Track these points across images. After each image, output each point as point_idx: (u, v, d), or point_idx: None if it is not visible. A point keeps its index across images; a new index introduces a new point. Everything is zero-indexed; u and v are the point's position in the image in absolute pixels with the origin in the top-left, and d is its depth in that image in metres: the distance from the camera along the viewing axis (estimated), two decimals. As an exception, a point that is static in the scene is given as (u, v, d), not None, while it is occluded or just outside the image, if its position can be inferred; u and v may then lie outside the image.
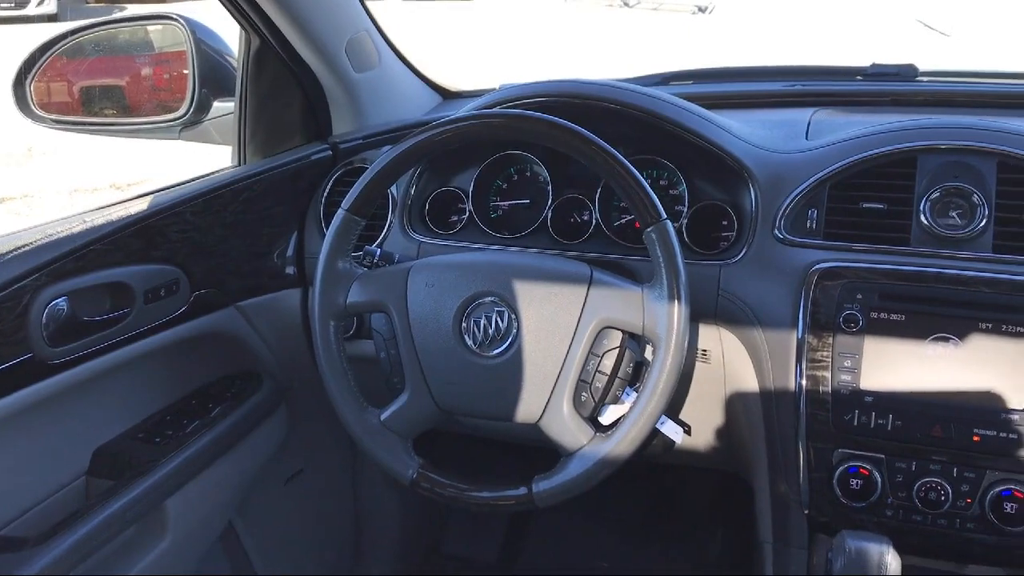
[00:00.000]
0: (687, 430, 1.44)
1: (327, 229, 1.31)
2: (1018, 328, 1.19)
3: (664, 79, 1.91)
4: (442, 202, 1.60)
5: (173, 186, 1.47)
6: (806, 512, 1.32)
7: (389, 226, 1.56)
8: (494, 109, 1.48)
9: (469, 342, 1.26)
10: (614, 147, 1.22)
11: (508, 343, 1.25)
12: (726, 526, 2.12)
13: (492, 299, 1.26)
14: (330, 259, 1.29)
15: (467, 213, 1.57)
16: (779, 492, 1.36)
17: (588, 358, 1.23)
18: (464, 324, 1.26)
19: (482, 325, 1.25)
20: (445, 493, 1.27)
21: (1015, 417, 1.18)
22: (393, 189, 1.56)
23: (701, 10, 15.24)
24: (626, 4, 16.83)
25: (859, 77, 1.81)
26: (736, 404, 1.43)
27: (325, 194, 1.64)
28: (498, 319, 1.25)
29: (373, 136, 1.69)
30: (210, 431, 1.48)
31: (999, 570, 1.32)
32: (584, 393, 1.24)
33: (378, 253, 1.39)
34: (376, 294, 1.30)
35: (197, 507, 1.47)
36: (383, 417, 1.29)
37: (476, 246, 1.51)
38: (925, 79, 1.76)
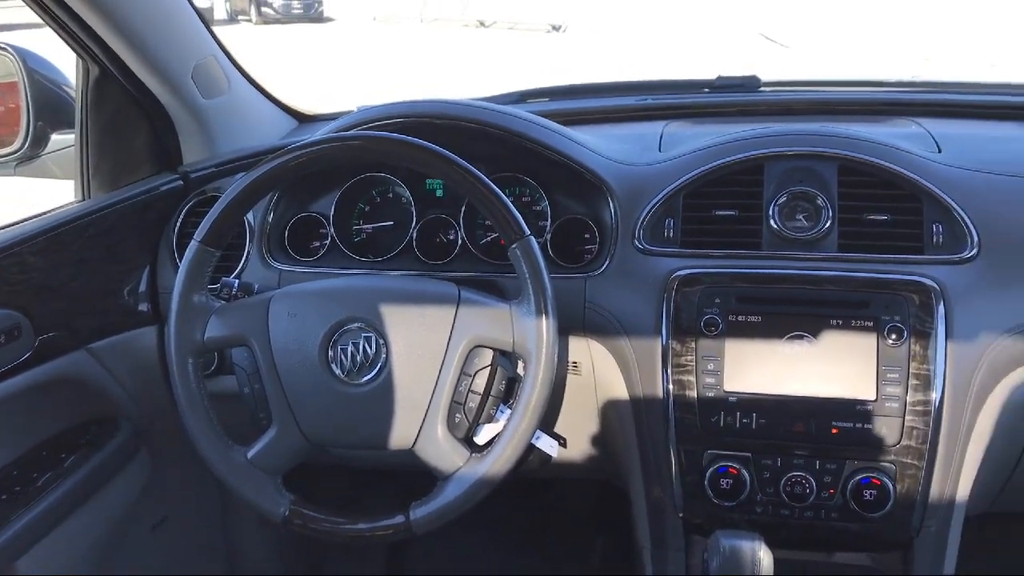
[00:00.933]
0: (562, 443, 1.45)
1: (181, 262, 1.25)
2: (865, 323, 1.25)
3: (521, 97, 1.93)
4: (302, 228, 1.56)
5: (8, 226, 1.38)
6: (680, 515, 1.35)
7: (247, 256, 1.51)
8: (351, 131, 1.45)
9: (337, 371, 1.23)
10: (475, 166, 1.22)
11: (377, 369, 1.22)
12: (607, 534, 2.14)
13: (359, 325, 1.23)
14: (185, 293, 1.23)
15: (329, 238, 1.54)
16: (654, 497, 1.39)
17: (460, 378, 1.22)
18: (330, 353, 1.23)
19: (349, 352, 1.22)
20: (320, 528, 1.23)
21: (867, 408, 1.24)
22: (250, 217, 1.51)
23: (555, 28, 15.59)
24: (482, 24, 17.04)
25: (706, 90, 1.87)
26: (608, 413, 1.44)
27: (177, 226, 1.57)
28: (366, 345, 1.22)
29: (226, 163, 1.64)
30: (63, 483, 1.38)
31: (865, 556, 1.38)
32: (458, 414, 1.22)
33: (236, 284, 1.34)
34: (235, 327, 1.25)
35: (53, 566, 1.37)
36: (250, 455, 1.24)
37: (340, 271, 1.47)
38: (768, 89, 1.84)
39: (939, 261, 1.29)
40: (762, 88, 1.84)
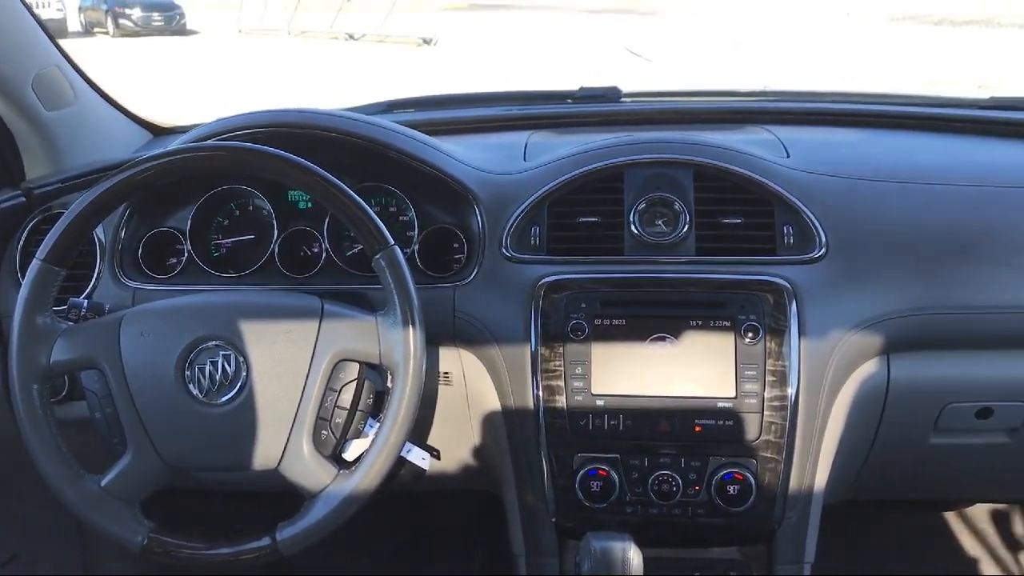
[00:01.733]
0: (436, 455, 1.43)
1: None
2: (723, 323, 1.29)
3: (387, 107, 1.91)
4: (158, 244, 1.49)
5: None
6: (553, 520, 1.35)
7: (98, 274, 1.43)
8: (206, 142, 1.40)
9: (195, 391, 1.18)
10: (338, 176, 1.19)
11: (238, 388, 1.18)
12: (486, 544, 2.14)
13: (216, 343, 1.19)
14: (27, 315, 1.16)
15: (186, 254, 1.48)
16: (527, 503, 1.39)
17: (325, 394, 1.19)
18: (187, 372, 1.18)
19: (207, 371, 1.18)
20: (181, 555, 1.18)
21: (728, 405, 1.28)
22: (100, 233, 1.44)
23: (426, 42, 15.60)
24: (351, 37, 16.88)
25: (569, 100, 1.90)
26: (481, 422, 1.44)
27: (20, 244, 1.48)
28: (225, 363, 1.18)
29: (73, 179, 1.55)
30: None
31: (733, 550, 1.42)
32: (324, 431, 1.20)
33: (85, 305, 1.27)
34: (84, 349, 1.18)
35: None
36: (104, 483, 1.17)
37: (198, 288, 1.42)
38: (629, 100, 1.89)
39: (790, 261, 1.34)
40: (623, 99, 1.88)
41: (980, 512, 2.14)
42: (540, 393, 1.31)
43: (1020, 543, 2.08)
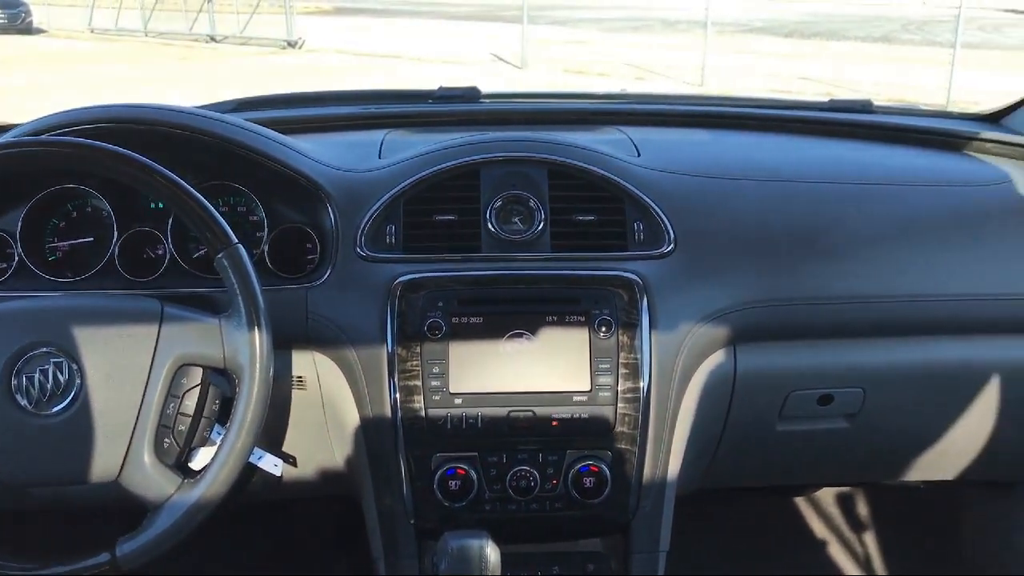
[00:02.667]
0: (292, 461, 1.39)
1: None
2: (578, 317, 1.31)
3: (238, 105, 1.86)
4: None
5: None
6: (412, 521, 1.34)
7: None
8: (35, 137, 1.32)
9: (23, 402, 1.11)
10: (181, 174, 1.14)
11: (71, 397, 1.11)
12: (351, 551, 2.10)
13: (46, 350, 1.12)
14: None
15: (16, 258, 1.39)
16: (385, 506, 1.37)
17: (167, 400, 1.14)
18: (14, 382, 1.11)
19: (36, 381, 1.11)
20: None
21: (583, 399, 1.30)
22: None
23: (291, 44, 15.29)
24: (213, 39, 16.37)
25: (429, 100, 1.89)
26: (337, 426, 1.41)
27: None
28: (56, 372, 1.11)
29: None
30: None
31: (593, 542, 1.44)
32: (167, 439, 1.14)
33: None
34: None
35: None
36: None
37: (30, 294, 1.33)
38: (488, 100, 1.90)
39: (641, 256, 1.37)
40: (482, 99, 1.89)
41: (827, 495, 2.25)
42: (397, 394, 1.29)
43: (865, 524, 2.19)
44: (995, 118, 1.85)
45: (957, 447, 1.55)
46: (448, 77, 2.01)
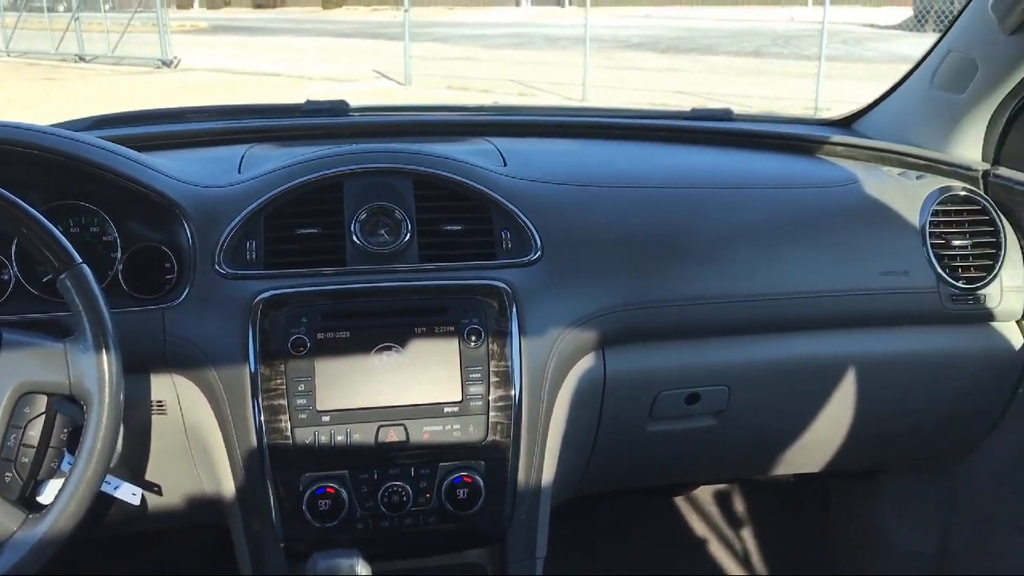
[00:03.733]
0: (156, 490, 1.34)
1: None
2: (447, 328, 1.30)
3: (95, 123, 1.78)
4: None
5: None
6: (282, 544, 1.30)
7: None
8: None
9: None
10: (25, 195, 1.09)
11: None
12: None
13: None
14: None
15: None
16: (254, 531, 1.33)
17: (7, 432, 1.07)
18: None
19: None
20: None
21: (455, 409, 1.29)
22: None
23: (166, 64, 14.84)
24: (81, 59, 15.75)
25: (297, 114, 1.86)
26: (201, 452, 1.36)
27: None
28: None
29: None
30: None
31: (471, 555, 1.43)
32: (8, 473, 1.08)
33: None
34: None
35: None
36: None
37: None
38: (356, 114, 1.88)
39: (509, 265, 1.37)
40: (350, 113, 1.87)
41: (704, 494, 2.30)
42: (261, 415, 1.25)
43: (740, 520, 2.25)
44: (846, 123, 1.95)
45: (820, 440, 1.61)
46: (329, 95, 1.97)
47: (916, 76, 1.75)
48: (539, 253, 1.39)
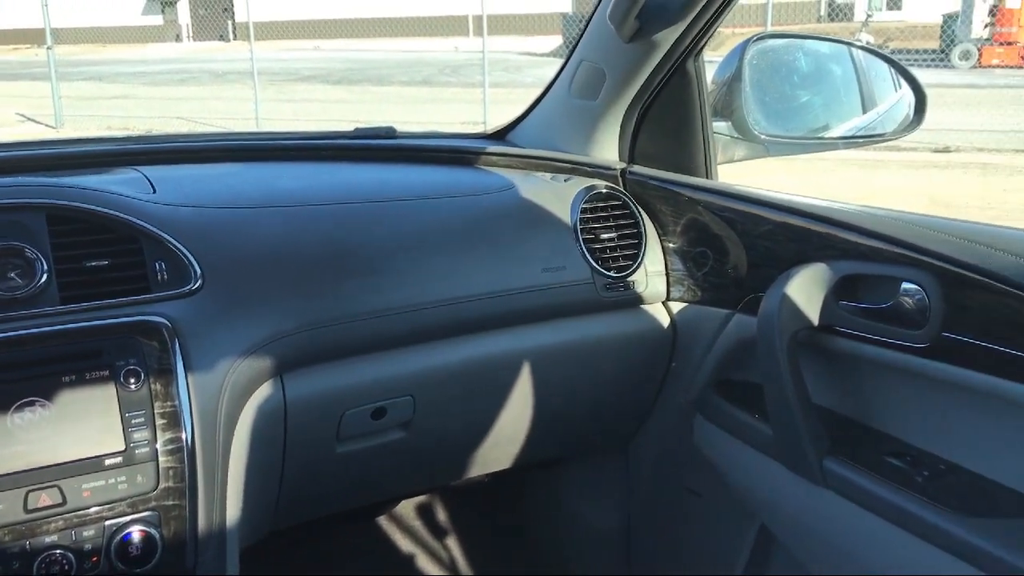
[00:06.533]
0: None
1: None
2: (101, 372, 1.18)
3: None
4: None
5: None
6: None
7: None
8: None
9: None
10: None
11: None
12: None
13: None
14: None
15: None
16: None
17: None
18: None
19: None
20: None
21: (118, 460, 1.17)
22: None
23: None
24: None
25: None
26: None
27: None
28: None
29: None
30: None
31: None
32: None
33: None
34: None
35: None
36: None
37: None
38: None
39: (167, 298, 1.28)
40: None
41: (407, 508, 2.31)
42: None
43: (444, 528, 2.29)
44: (501, 135, 2.05)
45: (506, 435, 1.67)
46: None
47: (557, 86, 1.88)
48: (200, 282, 1.31)
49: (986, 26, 20.91)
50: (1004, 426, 1.24)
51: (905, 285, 1.30)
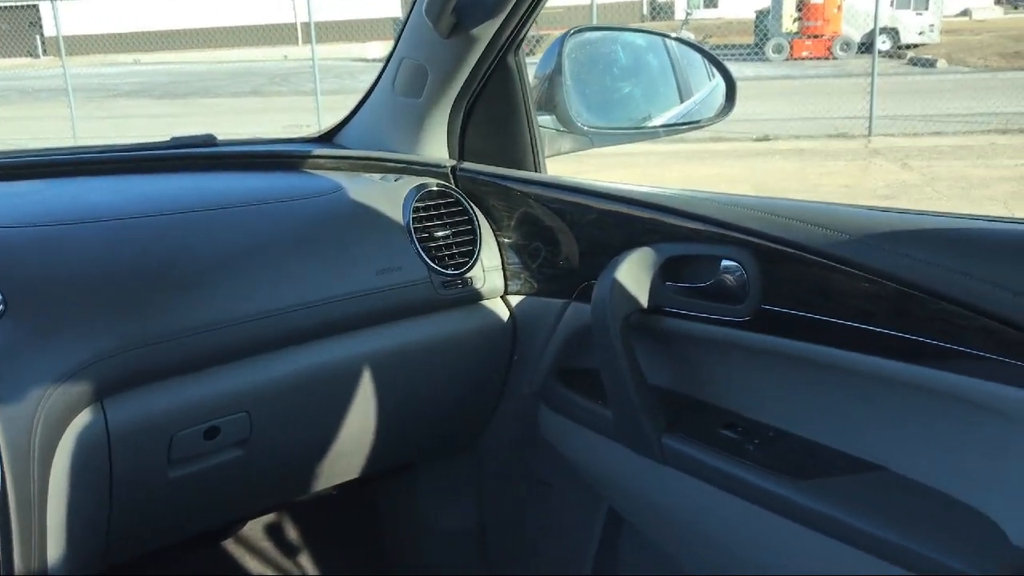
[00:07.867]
0: None
1: None
2: None
3: None
4: None
5: None
6: None
7: None
8: None
9: None
10: None
11: None
12: None
13: None
14: None
15: None
16: None
17: None
18: None
19: None
20: None
21: None
22: None
23: None
24: None
25: None
26: None
27: None
28: None
29: None
30: None
31: None
32: None
33: None
34: None
35: None
36: None
37: None
38: None
39: None
40: None
41: (254, 529, 2.22)
42: None
43: (295, 546, 2.21)
44: (328, 137, 2.00)
45: (353, 445, 1.63)
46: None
47: (380, 86, 1.85)
48: (1, 308, 1.21)
49: (795, 20, 22.42)
50: (824, 390, 1.32)
51: (725, 263, 1.35)
